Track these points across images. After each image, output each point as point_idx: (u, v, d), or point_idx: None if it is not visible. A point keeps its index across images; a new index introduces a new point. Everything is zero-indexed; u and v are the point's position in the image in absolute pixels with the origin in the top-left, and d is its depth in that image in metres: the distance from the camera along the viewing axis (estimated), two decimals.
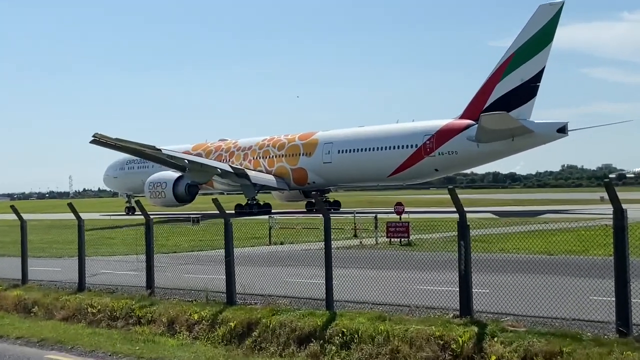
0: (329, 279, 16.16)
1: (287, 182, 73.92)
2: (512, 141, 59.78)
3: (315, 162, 71.39)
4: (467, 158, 64.24)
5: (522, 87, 59.35)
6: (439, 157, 63.78)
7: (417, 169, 65.66)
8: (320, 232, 17.59)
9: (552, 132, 59.69)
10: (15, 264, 25.07)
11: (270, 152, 75.66)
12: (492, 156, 64.64)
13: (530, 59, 58.95)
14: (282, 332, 15.16)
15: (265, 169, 75.09)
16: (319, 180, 72.19)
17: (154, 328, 17.26)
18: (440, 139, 63.45)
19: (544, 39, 58.85)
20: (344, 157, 69.57)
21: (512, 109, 58.39)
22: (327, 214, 16.62)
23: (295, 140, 74.62)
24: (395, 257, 22.85)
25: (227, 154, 79.31)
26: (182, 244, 33.93)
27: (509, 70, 59.95)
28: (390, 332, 13.83)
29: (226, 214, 18.46)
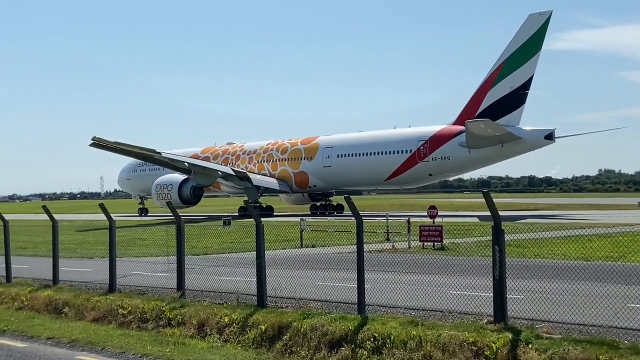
0: (361, 282, 15.96)
1: (290, 185, 76.35)
2: (502, 147, 62.09)
3: (316, 166, 73.95)
4: (460, 163, 66.39)
5: (512, 94, 61.56)
6: (432, 162, 66.30)
7: (411, 173, 68.08)
8: (352, 235, 17.41)
9: (540, 138, 62.06)
10: (46, 264, 25.19)
11: (274, 156, 78.11)
12: (483, 162, 66.91)
13: (519, 67, 61.20)
14: (313, 336, 14.97)
15: (269, 172, 77.46)
16: (319, 183, 74.85)
17: (184, 330, 17.17)
18: (433, 145, 65.89)
19: (533, 48, 60.99)
20: (343, 161, 72.10)
21: (502, 116, 61.05)
22: (360, 217, 16.40)
23: (298, 144, 77.08)
24: (428, 261, 22.56)
25: (233, 157, 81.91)
26: (213, 245, 33.92)
27: (499, 78, 62.16)
28: (422, 337, 13.59)
29: (257, 215, 18.32)
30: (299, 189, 77.28)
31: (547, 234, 30.57)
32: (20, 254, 32.89)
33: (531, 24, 61.25)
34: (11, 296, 22.57)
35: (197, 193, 75.94)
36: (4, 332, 18.60)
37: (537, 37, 60.87)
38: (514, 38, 62.04)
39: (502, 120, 60.69)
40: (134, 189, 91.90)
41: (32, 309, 21.26)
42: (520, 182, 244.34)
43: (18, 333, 18.36)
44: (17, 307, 21.73)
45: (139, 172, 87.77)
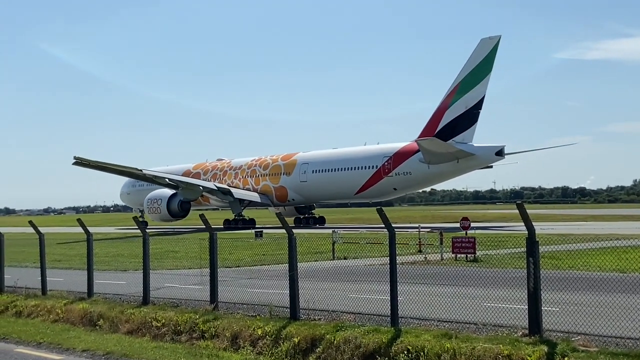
0: (394, 294, 15.91)
1: (271, 199, 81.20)
2: (457, 163, 66.36)
3: (294, 181, 78.88)
4: (421, 178, 70.72)
5: (466, 113, 65.60)
6: (396, 177, 70.70)
7: (377, 188, 72.41)
8: (385, 247, 17.36)
9: (491, 154, 66.42)
10: (80, 277, 25.41)
11: (257, 172, 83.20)
12: (441, 177, 71.56)
13: (472, 88, 65.25)
14: (347, 349, 14.94)
15: (252, 187, 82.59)
16: (297, 197, 79.58)
17: (217, 343, 17.22)
18: (396, 161, 70.44)
19: (485, 70, 65.12)
20: (317, 176, 77.02)
21: (458, 133, 65.63)
22: (392, 229, 16.36)
23: (278, 160, 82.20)
24: (461, 273, 22.44)
25: (221, 172, 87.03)
26: (245, 258, 34.01)
27: (455, 98, 66.15)
28: (456, 350, 13.50)
29: (289, 227, 18.35)
30: (280, 203, 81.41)
31: (582, 245, 30.25)
32: (55, 266, 33.24)
33: (483, 47, 65.44)
34: (47, 309, 22.80)
35: (185, 207, 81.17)
36: (40, 345, 18.80)
37: (488, 60, 65.10)
38: (468, 60, 66.09)
39: (458, 138, 65.44)
40: (134, 203, 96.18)
41: (68, 322, 21.46)
42: (554, 193, 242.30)
43: (54, 345, 18.55)
44: (53, 320, 21.94)
45: (137, 187, 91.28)
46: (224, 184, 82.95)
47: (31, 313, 23.06)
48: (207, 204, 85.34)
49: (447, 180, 75.21)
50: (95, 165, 72.13)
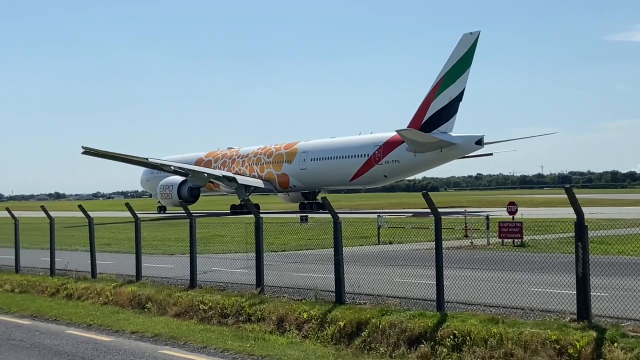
0: (440, 279, 15.85)
1: (274, 185, 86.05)
2: (441, 152, 70.76)
3: (295, 168, 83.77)
4: (408, 166, 75.39)
5: (450, 105, 70.04)
6: (385, 165, 75.41)
7: (369, 175, 77.37)
8: (430, 232, 17.28)
9: (471, 144, 70.92)
10: (129, 260, 25.76)
11: (262, 160, 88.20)
12: (426, 165, 76.11)
13: (455, 80, 69.38)
14: (392, 333, 14.94)
15: (257, 174, 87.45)
16: (298, 184, 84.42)
17: (263, 326, 17.34)
18: (386, 150, 74.86)
19: (466, 63, 69.21)
20: (315, 164, 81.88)
21: (442, 123, 70.17)
22: (439, 213, 16.28)
23: (281, 149, 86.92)
24: (508, 258, 22.24)
25: (230, 160, 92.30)
26: (291, 242, 34.15)
27: (440, 90, 70.18)
28: (503, 335, 13.41)
29: (335, 212, 18.36)
30: (282, 189, 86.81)
31: (632, 230, 29.76)
32: (104, 250, 33.77)
33: (464, 42, 69.46)
34: (96, 291, 23.18)
35: (194, 193, 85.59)
36: (90, 327, 19.12)
37: (469, 54, 69.23)
38: (452, 54, 70.07)
39: (442, 127, 70.09)
40: (152, 189, 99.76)
41: (117, 304, 21.79)
42: (603, 178, 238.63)
43: (104, 327, 18.85)
44: (102, 302, 22.30)
45: (155, 175, 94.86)
46: (232, 171, 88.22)
47: (81, 295, 23.46)
48: (218, 190, 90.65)
49: (433, 168, 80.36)
50: (103, 155, 78.89)
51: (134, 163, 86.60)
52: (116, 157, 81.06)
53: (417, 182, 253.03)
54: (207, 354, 15.41)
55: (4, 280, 27.38)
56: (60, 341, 17.32)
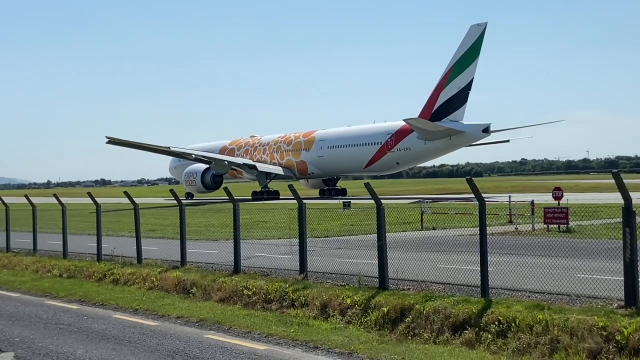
0: (484, 265, 15.74)
1: (293, 172, 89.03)
2: (450, 139, 73.24)
3: (312, 156, 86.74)
4: (419, 153, 78.02)
5: (459, 94, 72.49)
6: (397, 153, 78.09)
7: (382, 162, 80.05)
8: (474, 217, 17.17)
9: (478, 132, 73.30)
10: (173, 246, 26.01)
11: (282, 148, 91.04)
12: (436, 152, 78.99)
13: (463, 70, 71.70)
14: (436, 319, 14.89)
15: (277, 162, 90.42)
16: (316, 171, 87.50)
17: (307, 311, 17.40)
18: (398, 138, 77.38)
19: (473, 54, 71.46)
20: (332, 152, 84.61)
21: (452, 112, 72.62)
22: (482, 199, 16.15)
23: (300, 137, 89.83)
24: (553, 243, 22.02)
25: (252, 148, 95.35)
26: (334, 228, 34.19)
27: (449, 79, 72.58)
28: (549, 321, 13.29)
29: (377, 197, 18.33)
30: (301, 176, 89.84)
31: None
32: (149, 236, 34.13)
33: (472, 34, 71.59)
34: (142, 277, 23.46)
35: (217, 180, 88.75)
36: (137, 311, 19.38)
37: (477, 45, 71.38)
38: (460, 45, 72.24)
39: (451, 116, 72.50)
40: (179, 176, 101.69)
41: (162, 289, 22.04)
42: None
43: (149, 312, 19.09)
44: (148, 287, 22.58)
45: (181, 162, 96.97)
46: (254, 159, 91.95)
47: (127, 281, 23.77)
48: (241, 177, 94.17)
49: (443, 155, 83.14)
50: (127, 144, 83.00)
51: (157, 152, 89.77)
52: (139, 146, 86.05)
53: (461, 168, 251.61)
54: (252, 339, 15.52)
55: (53, 266, 27.86)
56: (107, 325, 17.58)
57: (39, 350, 15.05)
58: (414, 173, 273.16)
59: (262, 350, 14.33)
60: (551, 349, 12.79)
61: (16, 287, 25.05)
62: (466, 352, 13.46)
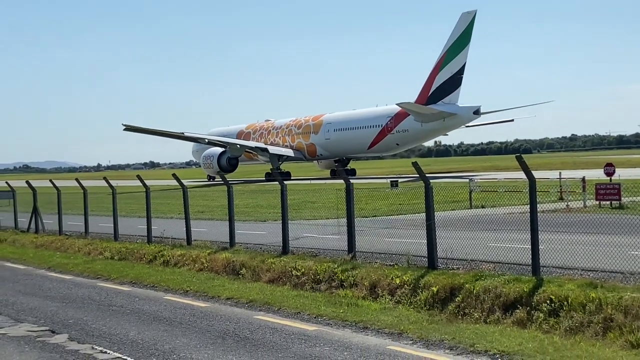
0: (535, 243, 15.53)
1: (304, 154, 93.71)
2: (444, 121, 78.25)
3: (320, 138, 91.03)
4: (416, 135, 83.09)
5: (452, 78, 76.71)
6: (397, 135, 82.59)
7: (384, 143, 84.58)
8: (524, 195, 16.94)
9: (469, 113, 77.93)
10: (222, 227, 26.14)
11: (293, 131, 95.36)
12: (432, 133, 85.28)
13: (456, 56, 75.86)
14: (487, 298, 14.75)
15: (289, 144, 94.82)
16: (324, 152, 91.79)
17: (356, 291, 17.38)
18: (397, 120, 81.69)
19: (465, 40, 75.70)
20: (338, 134, 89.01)
21: (447, 95, 76.94)
22: (533, 176, 15.91)
23: (309, 121, 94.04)
24: (606, 220, 21.61)
25: (266, 132, 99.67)
26: (382, 207, 34.08)
27: (443, 64, 76.82)
28: (602, 300, 13.07)
29: (425, 176, 18.18)
30: (311, 157, 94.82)
31: None
32: (198, 217, 34.40)
33: (463, 21, 75.70)
34: (192, 258, 23.65)
35: (232, 162, 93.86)
36: (187, 293, 19.57)
37: (467, 31, 75.45)
38: (453, 32, 76.47)
39: (446, 99, 76.87)
40: (200, 158, 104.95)
41: (212, 271, 22.20)
42: None
43: (200, 293, 19.26)
44: (198, 269, 22.77)
45: (203, 146, 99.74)
46: (268, 142, 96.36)
47: (177, 262, 23.99)
48: (256, 159, 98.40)
49: (439, 135, 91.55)
50: (143, 130, 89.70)
51: (172, 137, 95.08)
52: (155, 132, 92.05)
53: (510, 145, 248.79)
54: (301, 320, 15.57)
55: (104, 248, 28.27)
56: (158, 307, 17.79)
57: (92, 332, 15.29)
58: (462, 151, 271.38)
59: (312, 331, 14.37)
60: (605, 327, 12.59)
61: (69, 269, 25.50)
62: (518, 331, 13.33)
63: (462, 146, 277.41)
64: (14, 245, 34.04)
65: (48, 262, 27.32)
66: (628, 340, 11.97)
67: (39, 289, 21.65)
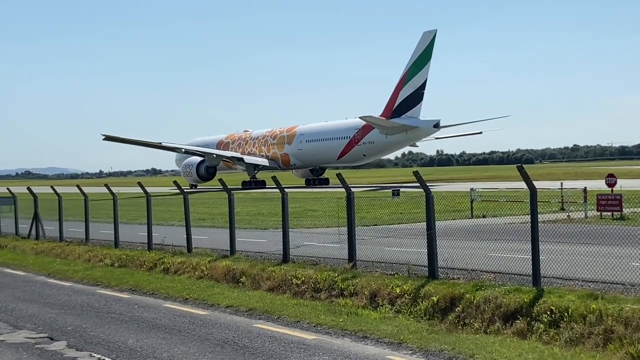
0: (536, 253, 15.48)
1: (278, 164, 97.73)
2: (406, 134, 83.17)
3: (294, 149, 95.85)
4: (381, 146, 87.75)
5: (415, 93, 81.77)
6: (363, 146, 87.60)
7: (352, 154, 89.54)
8: (525, 205, 16.90)
9: (430, 127, 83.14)
10: (223, 235, 26.09)
11: (269, 141, 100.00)
12: (396, 145, 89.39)
13: (418, 72, 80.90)
14: (487, 308, 14.71)
15: (265, 154, 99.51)
16: (297, 162, 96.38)
17: (356, 301, 17.33)
18: (364, 132, 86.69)
19: (426, 58, 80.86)
20: (310, 145, 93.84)
21: (410, 109, 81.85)
22: (534, 186, 15.88)
23: (284, 132, 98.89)
24: (607, 231, 21.53)
25: (244, 142, 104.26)
26: (383, 216, 34.03)
27: (407, 80, 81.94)
28: (603, 311, 13.03)
29: (426, 185, 18.16)
30: (285, 167, 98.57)
31: None
32: (199, 225, 34.38)
33: (425, 39, 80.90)
34: (192, 265, 23.61)
35: (210, 171, 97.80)
36: (187, 300, 19.53)
37: (428, 49, 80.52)
38: (415, 49, 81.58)
39: (409, 113, 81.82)
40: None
41: (212, 278, 22.15)
42: None
43: (199, 301, 19.21)
44: (198, 276, 22.72)
45: (185, 155, 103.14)
46: (246, 152, 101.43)
47: (178, 270, 23.95)
48: (235, 168, 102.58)
49: (403, 147, 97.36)
50: (122, 140, 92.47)
51: (150, 146, 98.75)
52: (133, 142, 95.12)
53: (511, 155, 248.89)
54: (301, 329, 15.52)
55: (104, 255, 28.23)
56: (157, 314, 17.75)
57: (91, 339, 15.25)
58: (464, 160, 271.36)
59: (311, 340, 14.33)
60: (605, 339, 12.54)
61: (69, 276, 25.46)
62: (518, 342, 13.27)
63: (464, 155, 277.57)
64: (14, 251, 34.01)
65: (48, 269, 27.28)
66: (629, 352, 11.92)
67: (38, 296, 21.61)
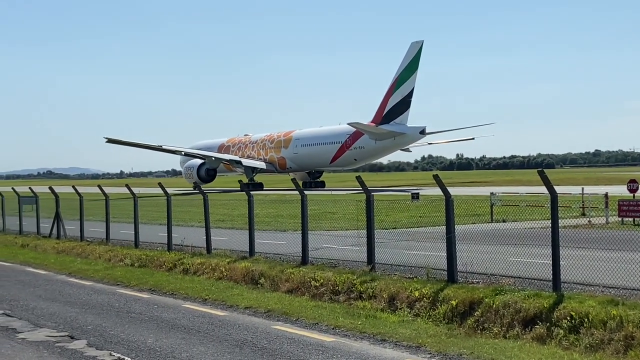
0: (556, 259, 15.41)
1: (275, 167, 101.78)
2: (394, 140, 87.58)
3: (290, 153, 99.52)
4: (371, 151, 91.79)
5: (403, 101, 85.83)
6: (354, 151, 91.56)
7: (343, 158, 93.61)
8: (545, 210, 16.83)
9: (416, 133, 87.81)
10: (242, 236, 26.17)
11: (267, 145, 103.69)
12: (384, 150, 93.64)
13: (406, 81, 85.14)
14: (506, 313, 14.65)
15: (263, 158, 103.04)
16: (293, 165, 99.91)
17: (375, 303, 17.32)
18: (354, 138, 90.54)
19: (413, 67, 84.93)
20: (305, 149, 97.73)
21: (398, 116, 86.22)
22: (554, 191, 15.80)
23: (281, 137, 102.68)
24: (628, 237, 21.38)
25: (244, 145, 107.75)
26: (402, 219, 33.98)
27: (396, 88, 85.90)
28: (624, 317, 12.94)
29: (447, 189, 18.11)
30: (281, 170, 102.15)
31: None
32: (219, 226, 34.48)
33: (412, 49, 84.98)
34: (211, 267, 23.69)
35: (210, 173, 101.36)
36: (206, 301, 19.59)
37: (416, 59, 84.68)
38: (404, 59, 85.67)
39: (398, 119, 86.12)
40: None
41: (231, 280, 22.21)
42: None
43: (218, 302, 19.27)
44: (217, 278, 22.79)
45: (188, 157, 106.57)
46: (245, 155, 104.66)
47: (197, 270, 24.03)
48: (235, 171, 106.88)
49: (391, 152, 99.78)
50: (124, 143, 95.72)
51: (150, 149, 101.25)
52: (134, 144, 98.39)
53: (532, 159, 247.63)
54: (319, 331, 15.53)
55: (125, 255, 28.38)
56: (177, 315, 17.82)
57: (110, 338, 15.34)
58: (484, 164, 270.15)
59: (330, 342, 14.33)
60: (626, 345, 12.46)
61: (89, 275, 25.63)
62: (537, 347, 13.22)
63: (484, 159, 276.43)
64: (35, 250, 34.28)
65: (69, 268, 27.48)
66: None
67: (59, 295, 21.77)
